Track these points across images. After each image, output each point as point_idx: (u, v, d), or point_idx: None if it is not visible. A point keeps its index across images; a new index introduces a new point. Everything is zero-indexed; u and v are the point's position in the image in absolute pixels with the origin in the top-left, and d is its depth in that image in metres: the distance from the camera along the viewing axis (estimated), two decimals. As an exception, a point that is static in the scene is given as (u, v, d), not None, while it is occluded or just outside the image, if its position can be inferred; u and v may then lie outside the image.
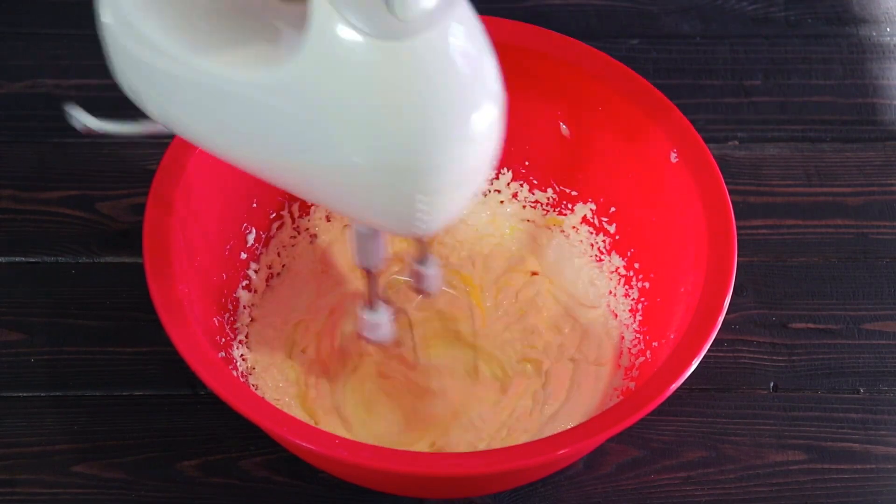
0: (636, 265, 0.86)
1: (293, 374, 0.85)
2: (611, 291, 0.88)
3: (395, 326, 0.79)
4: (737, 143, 0.99)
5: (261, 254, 0.88)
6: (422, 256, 0.77)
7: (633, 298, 0.86)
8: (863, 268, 0.93)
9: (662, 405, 0.72)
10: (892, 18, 1.06)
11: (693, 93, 1.01)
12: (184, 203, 0.78)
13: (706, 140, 0.82)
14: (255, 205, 0.86)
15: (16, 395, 0.86)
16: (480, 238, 0.91)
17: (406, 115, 0.59)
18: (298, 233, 0.90)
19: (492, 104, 0.62)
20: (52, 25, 1.04)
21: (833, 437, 0.86)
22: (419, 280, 0.78)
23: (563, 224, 0.90)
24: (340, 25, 0.58)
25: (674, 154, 0.81)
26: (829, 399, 0.87)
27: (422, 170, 0.61)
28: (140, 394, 0.86)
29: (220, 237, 0.84)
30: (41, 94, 1.00)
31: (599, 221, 0.89)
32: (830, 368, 0.88)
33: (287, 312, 0.87)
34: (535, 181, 0.91)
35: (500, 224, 0.91)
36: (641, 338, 0.84)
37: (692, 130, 0.81)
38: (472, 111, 0.61)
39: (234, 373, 0.80)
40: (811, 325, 0.90)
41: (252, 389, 0.81)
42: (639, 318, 0.85)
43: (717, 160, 0.81)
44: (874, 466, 0.85)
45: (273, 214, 0.88)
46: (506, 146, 0.89)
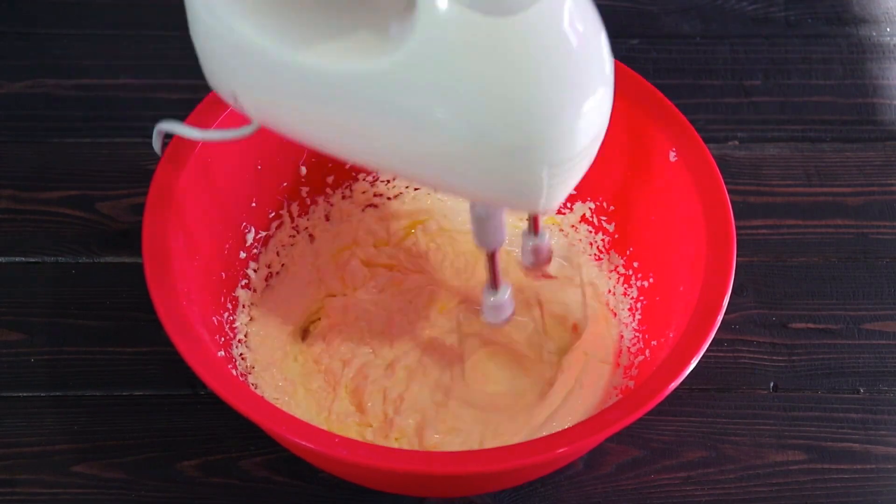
0: (635, 264, 0.86)
1: (300, 371, 0.85)
2: (610, 290, 0.88)
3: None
4: (737, 143, 0.99)
5: (260, 253, 0.88)
6: (536, 229, 0.76)
7: (633, 297, 0.86)
8: (863, 268, 0.93)
9: (662, 405, 0.72)
10: (892, 18, 1.06)
11: (693, 93, 1.01)
12: (183, 202, 0.78)
13: (706, 140, 0.82)
14: (255, 204, 0.86)
15: (16, 395, 0.86)
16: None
17: (528, 89, 0.59)
18: (297, 232, 0.90)
19: (607, 72, 0.62)
20: (52, 25, 1.04)
21: (833, 437, 0.86)
22: (535, 255, 0.77)
23: (562, 223, 0.90)
24: (451, 5, 0.57)
25: (673, 153, 0.81)
26: (829, 399, 0.87)
27: (550, 142, 0.61)
28: (140, 394, 0.86)
29: (220, 236, 0.84)
30: (41, 94, 1.00)
31: (598, 220, 0.89)
32: (830, 368, 0.88)
33: (286, 312, 0.87)
34: (535, 181, 0.90)
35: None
36: (640, 336, 0.84)
37: (691, 130, 0.81)
38: (591, 79, 0.61)
39: (234, 372, 0.80)
40: (811, 325, 0.90)
41: (251, 389, 0.81)
42: (638, 317, 0.85)
43: (717, 160, 0.81)
44: (874, 466, 0.84)
45: (272, 214, 0.88)
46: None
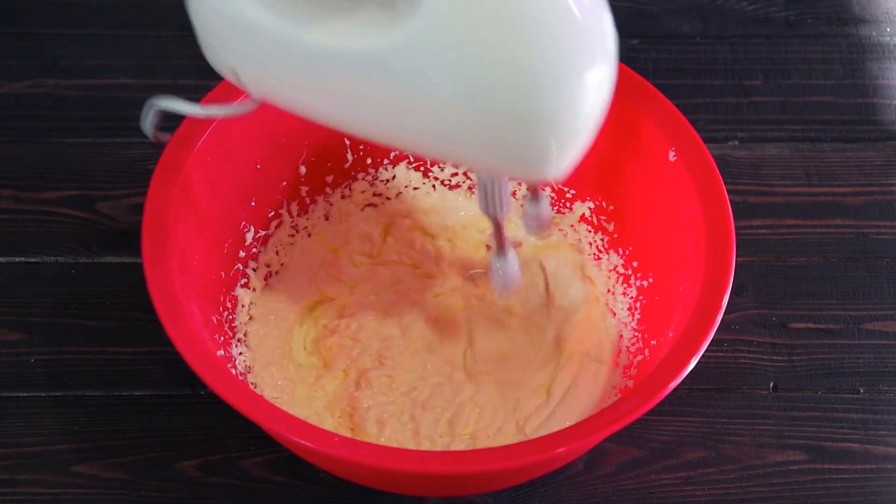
0: (634, 263, 0.86)
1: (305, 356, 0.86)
2: (609, 290, 0.88)
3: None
4: (737, 143, 0.99)
5: (259, 252, 0.88)
6: (537, 195, 0.77)
7: (632, 297, 0.86)
8: (863, 268, 0.93)
9: (662, 405, 0.72)
10: (892, 18, 1.06)
11: (693, 93, 1.01)
12: (182, 201, 0.78)
13: (706, 140, 0.82)
14: (254, 203, 0.86)
15: (16, 395, 0.86)
16: (481, 242, 0.91)
17: (536, 58, 0.59)
18: (297, 231, 0.90)
19: (609, 46, 0.63)
20: (52, 25, 1.04)
21: (833, 437, 0.86)
22: (535, 222, 0.78)
23: (562, 222, 0.90)
24: None
25: (672, 153, 0.81)
26: (829, 399, 0.87)
27: (557, 111, 0.61)
28: (140, 394, 0.86)
29: (219, 236, 0.84)
30: (41, 94, 1.00)
31: (598, 220, 0.89)
32: (830, 368, 0.88)
33: (285, 311, 0.87)
34: (535, 180, 0.91)
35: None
36: (640, 336, 0.84)
37: (691, 129, 0.81)
38: (595, 51, 0.62)
39: (233, 371, 0.80)
40: (811, 325, 0.90)
41: (251, 388, 0.81)
42: (637, 317, 0.85)
43: (717, 160, 0.81)
44: (874, 466, 0.84)
45: (271, 213, 0.88)
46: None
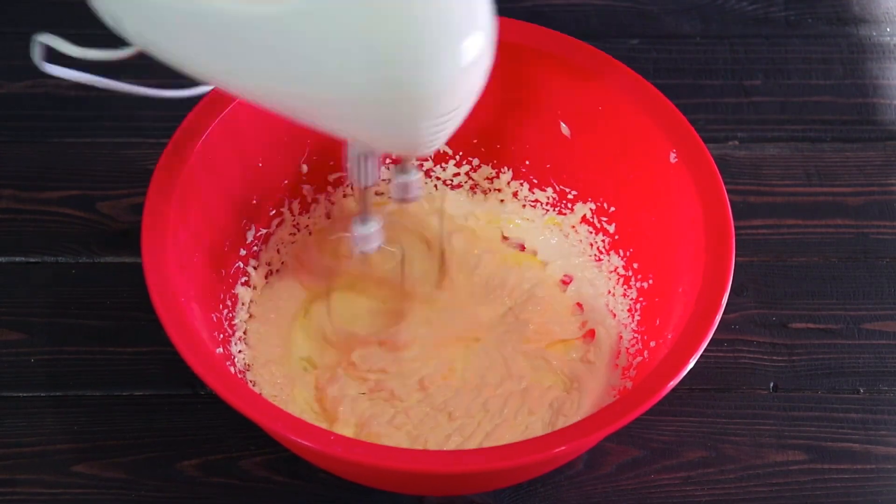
0: (635, 265, 0.86)
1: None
2: (609, 291, 0.88)
3: (384, 239, 0.80)
4: (737, 143, 0.99)
5: (260, 251, 0.88)
6: (405, 166, 0.78)
7: (632, 298, 0.86)
8: (863, 268, 0.93)
9: (662, 405, 0.72)
10: (892, 18, 1.06)
11: (693, 93, 1.01)
12: (183, 200, 0.78)
13: (706, 140, 0.82)
14: (255, 202, 0.86)
15: (16, 395, 0.86)
16: (480, 238, 0.91)
17: (406, 40, 0.60)
18: (298, 230, 0.90)
19: (481, 24, 0.63)
20: (52, 25, 1.03)
21: (833, 437, 0.86)
22: (403, 190, 0.78)
23: (563, 224, 0.90)
24: None
25: (673, 154, 0.81)
26: (829, 399, 0.87)
27: (427, 92, 0.62)
28: (140, 394, 0.86)
29: (220, 234, 0.84)
30: (41, 94, 1.00)
31: (599, 221, 0.89)
32: (830, 368, 0.88)
33: (285, 310, 0.87)
34: (535, 180, 0.91)
35: (500, 222, 0.92)
36: (639, 337, 0.84)
37: (692, 131, 0.81)
38: (466, 33, 0.62)
39: (232, 369, 0.80)
40: (811, 325, 0.90)
41: (250, 386, 0.81)
42: (637, 318, 0.85)
43: (717, 160, 0.81)
44: (874, 466, 0.84)
45: (273, 212, 0.88)
46: (506, 145, 0.90)
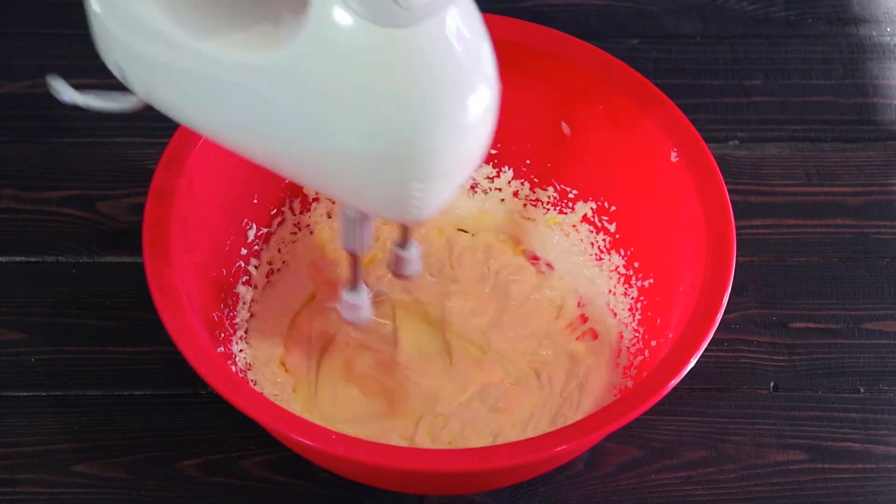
0: (636, 264, 0.86)
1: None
2: (610, 290, 0.88)
3: (375, 309, 0.79)
4: (737, 143, 0.99)
5: (261, 249, 0.88)
6: (404, 240, 0.76)
7: (633, 297, 0.86)
8: (863, 268, 0.93)
9: (663, 405, 0.72)
10: (892, 18, 1.06)
11: (693, 93, 1.01)
12: (184, 198, 0.78)
13: (706, 140, 0.82)
14: (256, 200, 0.86)
15: (16, 395, 0.86)
16: (477, 237, 0.91)
17: (405, 103, 0.59)
18: (299, 229, 0.90)
19: (488, 92, 0.62)
20: (52, 25, 1.04)
21: (833, 437, 0.86)
22: (400, 265, 0.77)
23: (564, 223, 0.90)
24: (340, 10, 0.57)
25: (674, 153, 0.81)
26: (830, 399, 0.87)
27: (418, 157, 0.61)
28: (140, 393, 0.86)
29: (221, 232, 0.84)
30: (41, 94, 0.99)
31: (600, 220, 0.89)
32: (831, 368, 0.88)
33: (286, 308, 0.87)
34: (536, 179, 0.90)
35: (500, 222, 0.92)
36: (640, 336, 0.84)
37: (692, 130, 0.81)
38: (469, 99, 0.61)
39: (233, 368, 0.80)
40: (811, 325, 0.90)
41: (250, 385, 0.81)
42: (637, 317, 0.85)
43: (718, 160, 0.81)
44: (875, 466, 0.85)
45: (274, 210, 0.88)
46: (507, 144, 0.90)
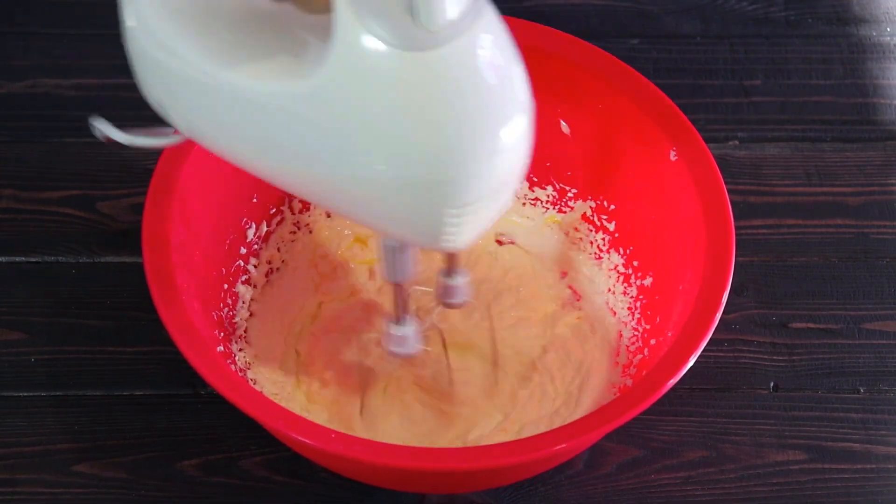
0: (635, 263, 0.86)
1: (293, 380, 0.85)
2: (609, 289, 0.88)
3: (423, 340, 0.78)
4: (737, 143, 0.99)
5: (260, 249, 0.88)
6: (450, 269, 0.75)
7: (632, 296, 0.86)
8: (863, 268, 0.93)
9: (663, 405, 0.72)
10: (892, 18, 1.06)
11: (693, 93, 1.01)
12: (183, 197, 0.78)
13: (706, 140, 0.82)
14: (255, 200, 0.86)
15: (16, 395, 0.86)
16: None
17: (434, 127, 0.58)
18: (298, 228, 0.90)
19: (522, 114, 0.61)
20: (52, 25, 1.04)
21: (833, 437, 0.86)
22: (446, 293, 0.76)
23: (563, 222, 0.90)
24: (366, 36, 0.57)
25: (673, 152, 0.81)
26: (830, 399, 0.87)
27: (451, 183, 0.60)
28: (140, 393, 0.86)
29: (220, 232, 0.84)
30: (41, 94, 1.00)
31: (599, 219, 0.89)
32: (831, 368, 0.88)
33: (286, 308, 0.87)
34: (535, 178, 0.91)
35: (499, 222, 0.92)
36: (639, 335, 0.84)
37: (692, 129, 0.81)
38: (503, 122, 0.60)
39: (233, 367, 0.80)
40: (811, 325, 0.90)
41: (250, 384, 0.81)
42: (637, 316, 0.85)
43: (718, 160, 0.81)
44: (875, 466, 0.84)
45: (273, 210, 0.88)
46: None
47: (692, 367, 0.72)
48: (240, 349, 0.84)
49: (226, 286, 0.84)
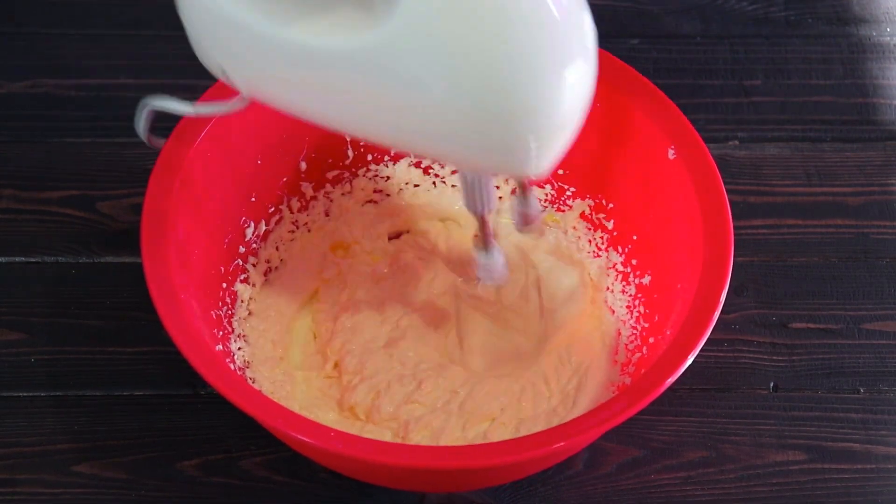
0: (633, 261, 0.86)
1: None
2: (608, 287, 0.88)
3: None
4: (737, 143, 0.99)
5: (259, 248, 0.88)
6: (524, 192, 0.76)
7: (631, 295, 0.86)
8: (863, 268, 0.93)
9: (663, 405, 0.72)
10: (892, 18, 1.06)
11: (693, 93, 1.02)
12: (182, 196, 0.78)
13: (706, 140, 0.82)
14: (254, 199, 0.86)
15: (16, 395, 0.86)
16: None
17: (513, 56, 0.59)
18: (297, 227, 0.90)
19: (588, 44, 0.62)
20: (52, 25, 1.04)
21: (833, 437, 0.86)
22: (522, 219, 0.78)
23: (561, 220, 0.90)
24: None
25: (671, 151, 0.81)
26: (830, 399, 0.87)
27: (534, 108, 0.61)
28: (140, 393, 0.86)
29: (219, 231, 0.84)
30: (41, 94, 1.00)
31: (597, 218, 0.89)
32: (830, 368, 0.88)
33: (285, 307, 0.87)
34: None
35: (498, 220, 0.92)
36: (638, 334, 0.84)
37: (690, 127, 0.81)
38: (573, 48, 0.61)
39: (232, 366, 0.80)
40: (811, 325, 0.90)
41: (249, 383, 0.81)
42: (635, 315, 0.85)
43: (718, 160, 0.81)
44: (874, 466, 0.84)
45: (272, 209, 0.88)
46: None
47: (692, 367, 0.72)
48: (238, 348, 0.84)
49: (224, 285, 0.84)
